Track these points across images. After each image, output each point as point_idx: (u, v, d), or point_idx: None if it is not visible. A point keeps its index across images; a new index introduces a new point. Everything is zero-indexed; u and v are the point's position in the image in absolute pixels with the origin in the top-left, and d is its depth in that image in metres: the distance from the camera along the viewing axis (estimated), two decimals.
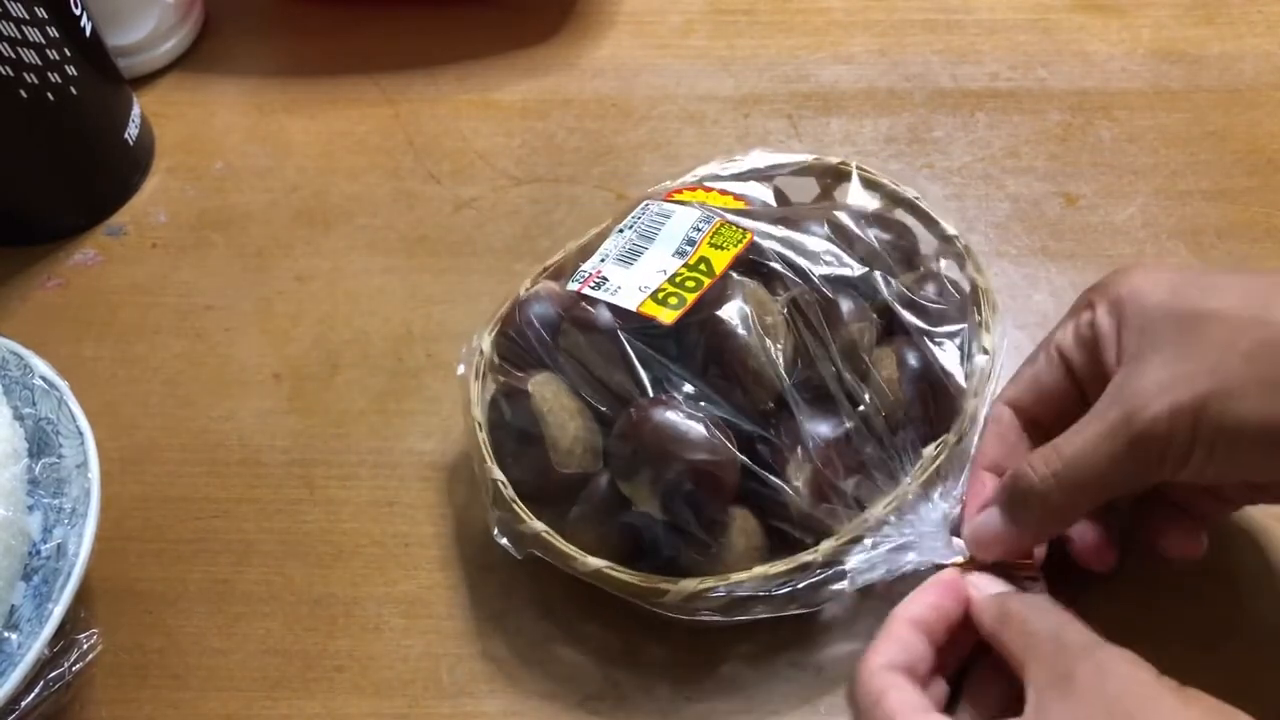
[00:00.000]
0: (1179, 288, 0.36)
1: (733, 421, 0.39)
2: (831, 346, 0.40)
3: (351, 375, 0.51)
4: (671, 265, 0.42)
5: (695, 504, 0.38)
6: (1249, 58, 0.60)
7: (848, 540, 0.39)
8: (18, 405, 0.44)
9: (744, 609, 0.38)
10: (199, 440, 0.49)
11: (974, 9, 0.64)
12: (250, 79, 0.63)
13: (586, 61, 0.63)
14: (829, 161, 0.49)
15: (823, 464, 0.39)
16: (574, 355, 0.41)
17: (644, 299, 0.41)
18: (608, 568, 0.39)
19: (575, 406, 0.41)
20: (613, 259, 0.43)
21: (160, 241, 0.56)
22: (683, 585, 0.38)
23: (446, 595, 0.44)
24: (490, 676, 0.42)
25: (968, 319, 0.43)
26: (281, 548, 0.45)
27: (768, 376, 0.40)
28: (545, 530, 0.40)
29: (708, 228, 0.43)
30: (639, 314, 0.40)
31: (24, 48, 0.49)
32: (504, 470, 0.41)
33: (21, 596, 0.40)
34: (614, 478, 0.40)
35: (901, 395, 0.41)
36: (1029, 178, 0.56)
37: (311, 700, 0.42)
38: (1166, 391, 0.34)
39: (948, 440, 0.41)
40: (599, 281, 0.42)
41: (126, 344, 0.52)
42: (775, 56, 0.62)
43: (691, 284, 0.41)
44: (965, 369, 0.42)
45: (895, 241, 0.45)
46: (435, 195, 0.57)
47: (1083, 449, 0.36)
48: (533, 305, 0.43)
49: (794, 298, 0.41)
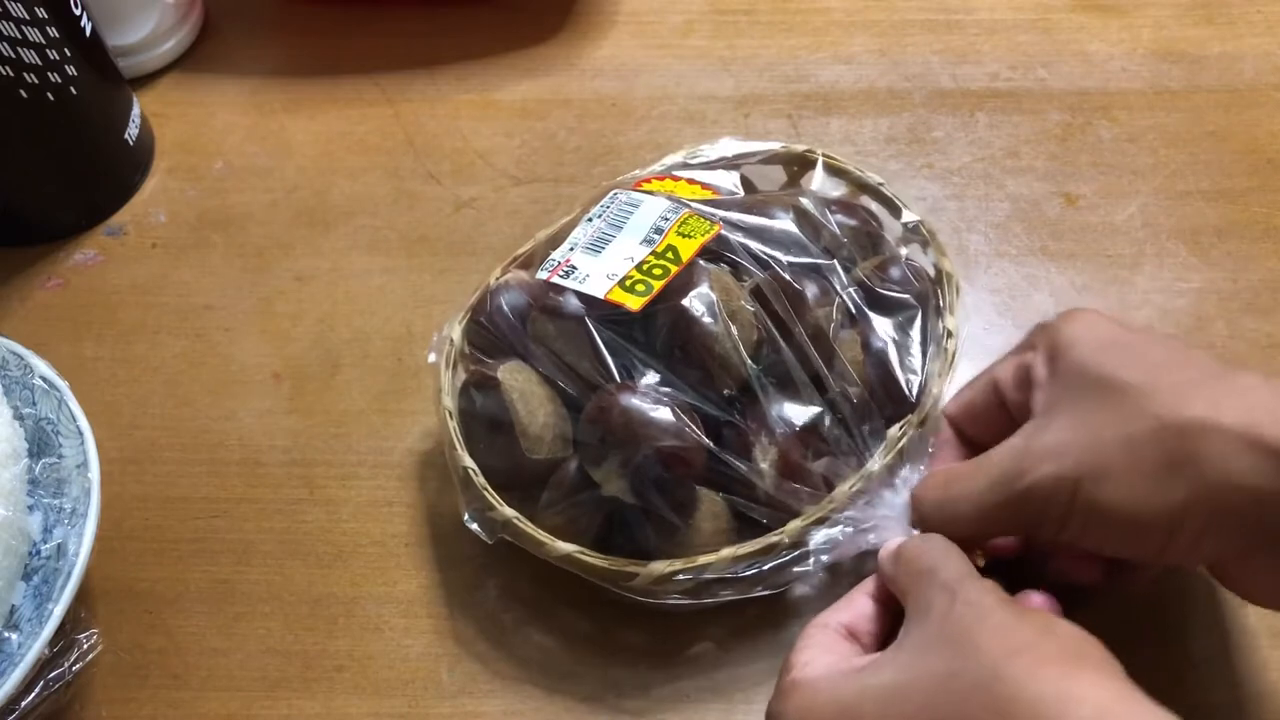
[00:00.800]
0: (1107, 348, 0.36)
1: (699, 406, 0.40)
2: (797, 331, 0.41)
3: (351, 375, 0.51)
4: (639, 253, 0.42)
5: (663, 487, 0.39)
6: (1249, 58, 0.60)
7: (813, 521, 0.39)
8: (18, 405, 0.44)
9: (711, 591, 0.39)
10: (199, 440, 0.49)
11: (974, 9, 0.64)
12: (250, 79, 0.63)
13: (586, 61, 0.63)
14: (796, 149, 0.50)
15: (789, 447, 0.40)
16: (543, 343, 0.42)
17: (611, 286, 0.41)
18: (577, 552, 0.39)
19: (545, 394, 0.41)
20: (581, 247, 0.43)
21: (160, 241, 0.56)
22: (651, 568, 0.39)
23: (446, 595, 0.44)
24: (490, 676, 0.42)
25: (930, 302, 0.44)
26: (281, 548, 0.45)
27: (733, 362, 0.40)
28: (516, 516, 0.40)
29: (675, 217, 0.43)
30: (606, 301, 0.41)
31: (24, 48, 0.49)
32: (475, 458, 0.41)
33: (21, 596, 0.40)
34: (582, 463, 0.40)
35: (866, 378, 0.42)
36: (1029, 178, 0.56)
37: (311, 700, 0.42)
38: (1055, 457, 0.34)
39: (911, 421, 0.41)
40: (568, 270, 0.42)
41: (126, 344, 0.52)
42: (775, 56, 0.62)
43: (659, 271, 0.41)
44: (929, 352, 0.43)
45: (860, 227, 0.46)
46: (435, 195, 0.57)
47: (969, 490, 0.37)
48: (503, 294, 0.44)
49: (759, 284, 0.41)
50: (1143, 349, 0.36)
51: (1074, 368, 0.36)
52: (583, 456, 0.40)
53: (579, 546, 0.39)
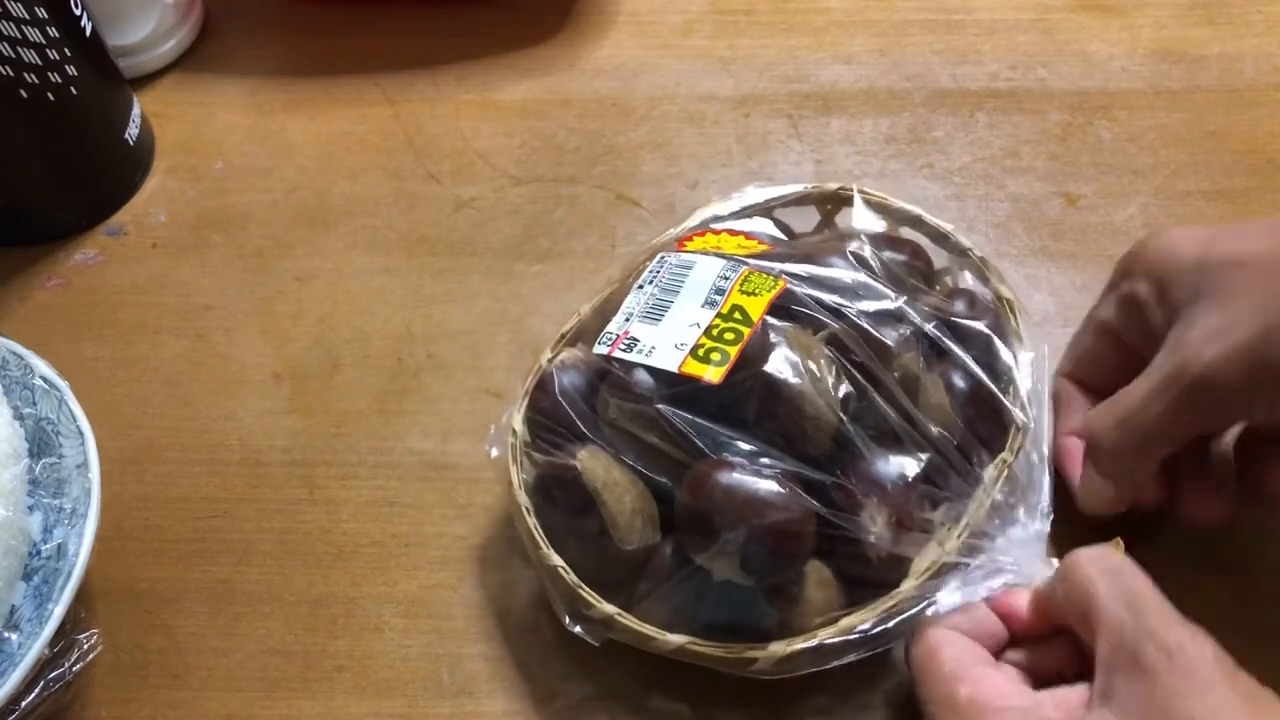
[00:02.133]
0: (1210, 241, 0.37)
1: (798, 473, 0.38)
2: (886, 378, 0.39)
3: (351, 375, 0.51)
4: (704, 318, 0.40)
5: (776, 563, 0.37)
6: (1249, 58, 0.60)
7: (934, 574, 0.37)
8: (18, 405, 0.44)
9: (828, 659, 0.37)
10: (199, 440, 0.49)
11: (974, 9, 0.64)
12: (250, 79, 0.63)
13: (586, 61, 0.63)
14: (828, 188, 0.48)
15: (902, 500, 0.38)
16: (617, 425, 0.40)
17: (684, 357, 0.39)
18: (690, 643, 0.37)
19: (626, 478, 0.39)
20: (638, 317, 0.41)
21: (160, 241, 0.56)
22: (772, 650, 0.36)
23: (446, 595, 0.44)
24: (490, 676, 0.42)
25: (1002, 330, 0.42)
26: (281, 548, 0.45)
27: (826, 420, 0.38)
28: (618, 613, 0.38)
29: (736, 276, 0.41)
30: (682, 375, 0.38)
31: (24, 48, 0.49)
32: (560, 553, 0.39)
33: (21, 597, 0.40)
34: (684, 549, 0.38)
35: (959, 414, 0.40)
36: (1029, 178, 0.56)
37: (311, 700, 0.42)
38: (1216, 339, 0.35)
39: (1005, 459, 0.40)
40: (629, 342, 0.40)
41: (126, 344, 0.52)
42: (775, 56, 0.62)
43: (731, 336, 0.39)
44: (1014, 375, 0.41)
45: (910, 262, 0.44)
46: (435, 195, 0.57)
47: (1141, 402, 0.36)
48: (563, 376, 0.41)
49: (834, 334, 0.40)
50: (1239, 230, 0.37)
51: (1187, 267, 0.37)
52: (685, 542, 0.38)
53: (690, 637, 0.37)
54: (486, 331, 0.51)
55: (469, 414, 0.49)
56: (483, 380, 0.50)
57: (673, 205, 0.56)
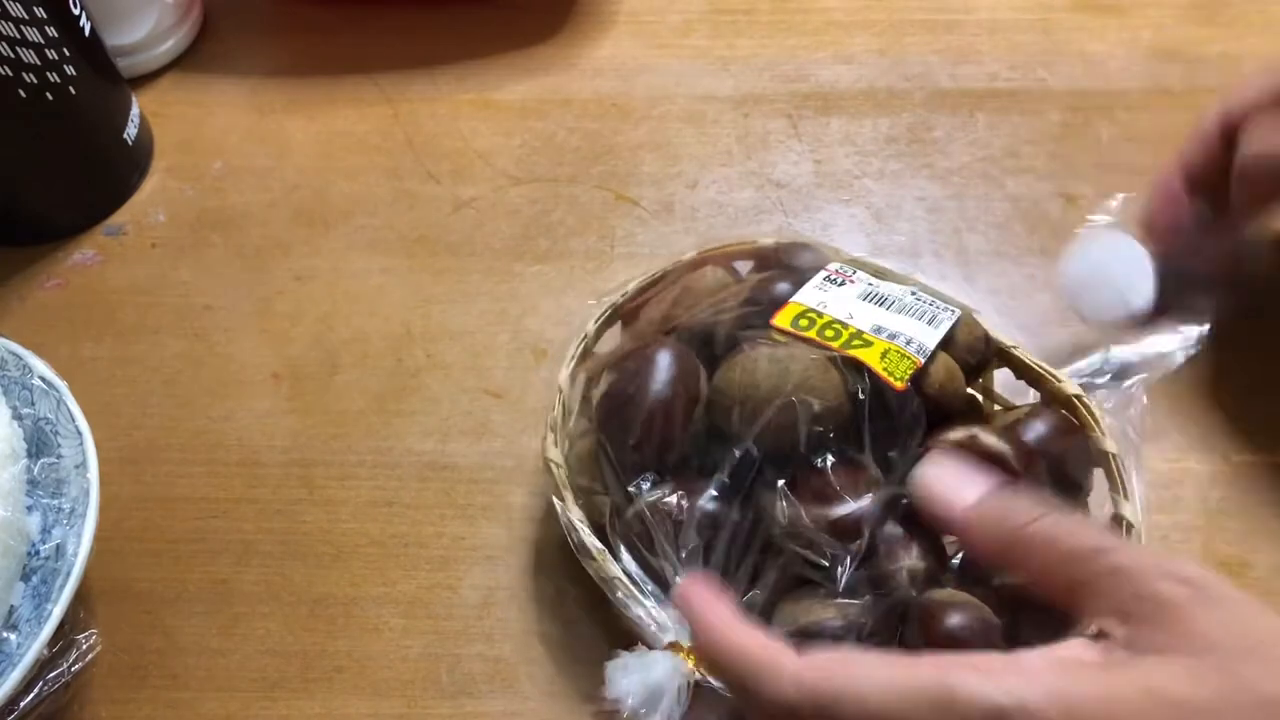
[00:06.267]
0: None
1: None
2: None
3: (351, 375, 0.50)
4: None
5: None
6: (1249, 58, 0.60)
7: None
8: (17, 405, 0.44)
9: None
10: (198, 440, 0.49)
11: (974, 9, 0.64)
12: (249, 79, 0.63)
13: (586, 61, 0.63)
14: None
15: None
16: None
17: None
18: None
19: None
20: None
21: (159, 241, 0.56)
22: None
23: (446, 595, 0.44)
24: (490, 676, 0.42)
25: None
26: (281, 548, 0.45)
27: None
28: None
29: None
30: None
31: (23, 48, 0.49)
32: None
33: (20, 597, 0.40)
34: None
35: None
36: (1029, 178, 0.56)
37: (311, 700, 0.42)
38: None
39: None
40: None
41: (126, 344, 0.52)
42: (775, 56, 0.62)
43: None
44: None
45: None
46: (435, 195, 0.57)
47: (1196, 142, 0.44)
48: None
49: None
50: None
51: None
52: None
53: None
54: (486, 331, 0.51)
55: (468, 414, 0.49)
56: (482, 380, 0.50)
57: (672, 205, 0.56)
